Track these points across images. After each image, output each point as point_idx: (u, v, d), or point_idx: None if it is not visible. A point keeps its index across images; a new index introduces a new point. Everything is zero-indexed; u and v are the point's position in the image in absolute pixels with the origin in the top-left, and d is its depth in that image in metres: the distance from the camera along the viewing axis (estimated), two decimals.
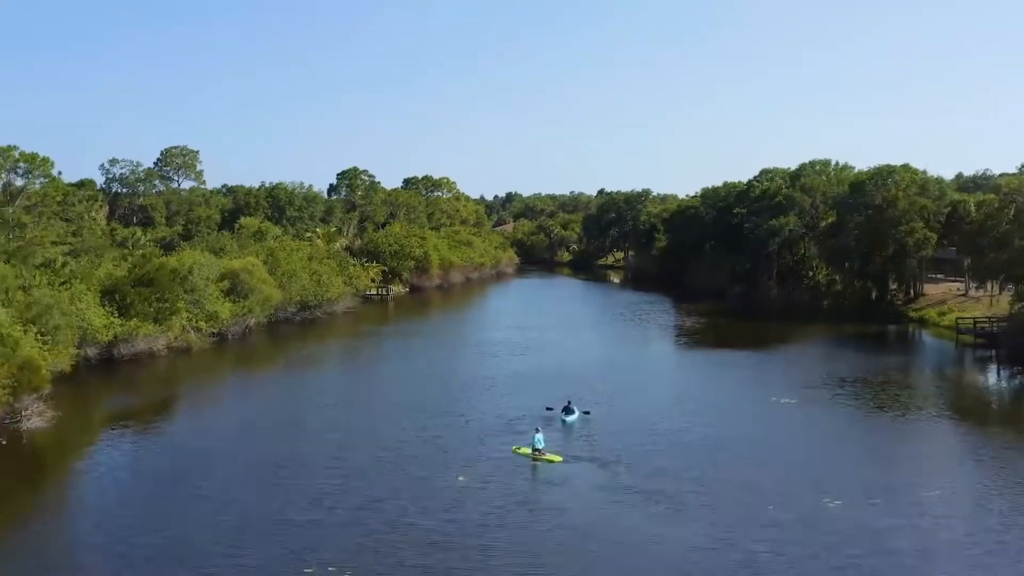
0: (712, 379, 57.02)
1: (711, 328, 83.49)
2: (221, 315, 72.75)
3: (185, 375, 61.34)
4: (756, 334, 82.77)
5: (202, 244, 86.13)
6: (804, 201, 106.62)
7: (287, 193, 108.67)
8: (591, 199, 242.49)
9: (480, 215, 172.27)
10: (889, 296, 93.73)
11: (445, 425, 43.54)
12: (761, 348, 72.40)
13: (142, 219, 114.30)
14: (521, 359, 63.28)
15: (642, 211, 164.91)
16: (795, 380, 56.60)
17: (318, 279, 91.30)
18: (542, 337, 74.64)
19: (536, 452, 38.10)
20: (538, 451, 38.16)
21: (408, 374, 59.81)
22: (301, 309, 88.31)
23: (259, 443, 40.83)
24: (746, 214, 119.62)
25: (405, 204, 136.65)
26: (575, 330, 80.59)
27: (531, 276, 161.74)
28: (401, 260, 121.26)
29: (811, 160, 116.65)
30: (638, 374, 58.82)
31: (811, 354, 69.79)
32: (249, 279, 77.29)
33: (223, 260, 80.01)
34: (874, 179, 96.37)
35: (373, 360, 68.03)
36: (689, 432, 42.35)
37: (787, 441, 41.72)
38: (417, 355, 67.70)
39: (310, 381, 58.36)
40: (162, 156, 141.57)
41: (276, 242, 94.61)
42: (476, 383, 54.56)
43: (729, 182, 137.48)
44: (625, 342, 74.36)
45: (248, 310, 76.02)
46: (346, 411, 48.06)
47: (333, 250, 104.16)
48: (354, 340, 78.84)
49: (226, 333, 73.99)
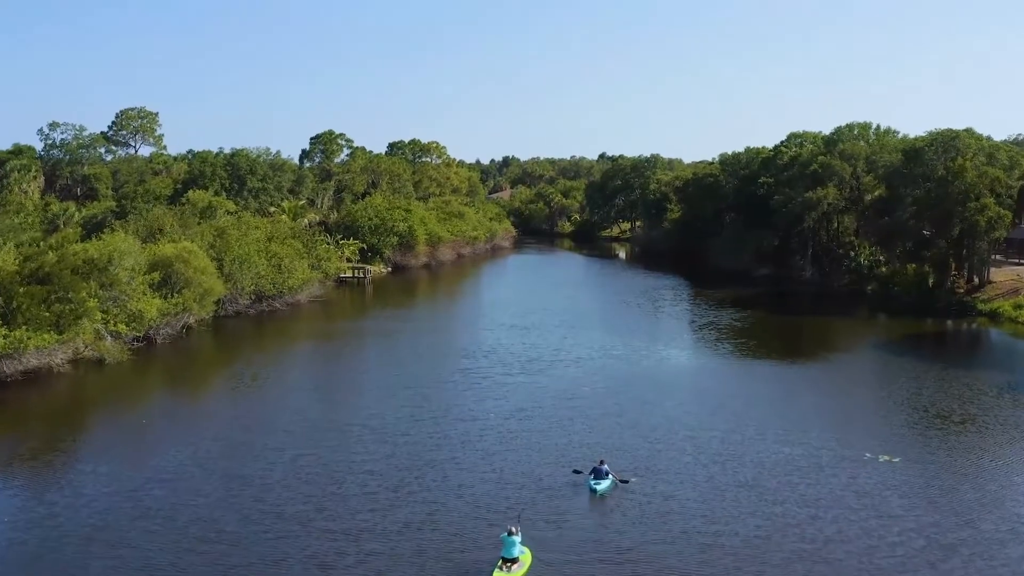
0: (773, 415, 42.96)
1: (745, 325, 69.44)
2: (147, 315, 58.69)
3: (82, 401, 47.31)
4: (800, 333, 68.99)
5: (135, 224, 71.75)
6: (844, 170, 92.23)
7: (248, 160, 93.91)
8: (593, 164, 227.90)
9: (474, 182, 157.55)
10: (949, 283, 79.66)
11: (412, 518, 29.61)
12: (815, 357, 58.61)
13: (85, 191, 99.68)
14: (520, 386, 48.84)
15: (651, 179, 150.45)
16: (878, 415, 42.78)
17: (278, 264, 77.17)
18: (545, 343, 60.46)
19: (505, 564, 24.82)
20: (508, 562, 24.90)
21: (368, 408, 45.64)
22: (256, 300, 74.31)
23: (178, 510, 26.95)
24: (774, 184, 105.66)
25: (388, 172, 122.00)
26: (584, 330, 66.51)
27: (529, 250, 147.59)
28: (382, 236, 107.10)
29: (848, 123, 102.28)
30: (670, 408, 44.81)
31: (878, 367, 55.99)
32: (184, 269, 63.09)
33: (155, 246, 65.75)
34: (933, 146, 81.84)
35: (323, 380, 53.94)
36: (768, 521, 28.50)
37: (936, 554, 27.56)
38: (385, 374, 53.36)
39: (245, 409, 44.15)
40: (117, 118, 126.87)
41: (229, 219, 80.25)
42: (460, 430, 40.41)
43: (751, 147, 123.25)
44: (647, 351, 60.11)
45: (183, 307, 61.95)
46: (284, 469, 33.99)
47: (299, 227, 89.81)
48: (310, 344, 64.80)
49: (154, 336, 60.03)
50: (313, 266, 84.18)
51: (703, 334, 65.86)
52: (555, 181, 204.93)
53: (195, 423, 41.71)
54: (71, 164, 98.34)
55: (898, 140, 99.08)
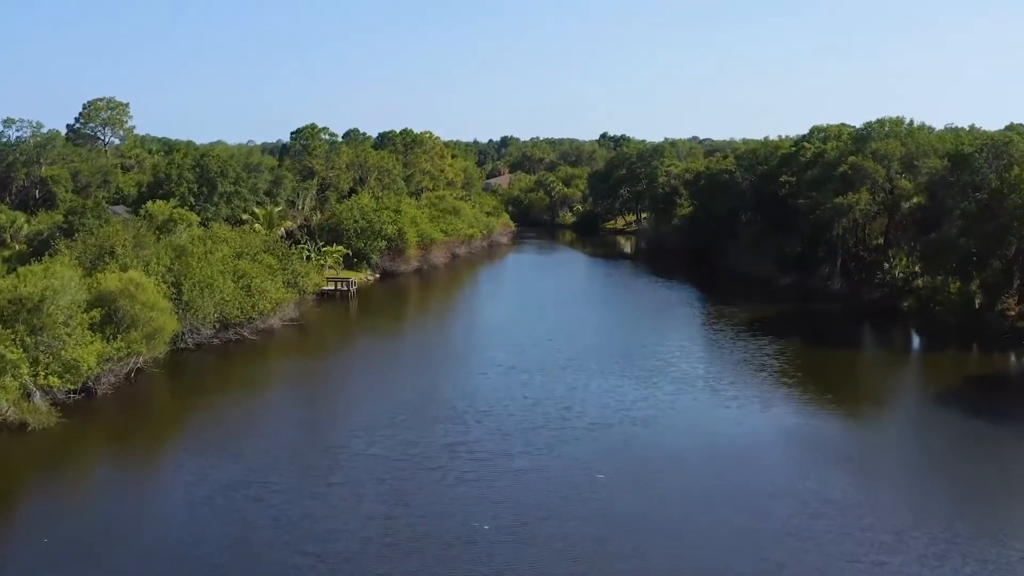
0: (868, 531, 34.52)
1: (782, 363, 60.10)
2: (84, 364, 50.04)
3: None
4: (849, 375, 60.27)
5: (83, 244, 62.82)
6: (878, 173, 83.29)
7: (219, 162, 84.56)
8: (595, 149, 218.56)
9: (470, 173, 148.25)
10: (1001, 307, 71.07)
11: None
12: (885, 409, 50.20)
13: (43, 195, 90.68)
14: (521, 479, 40.05)
15: (659, 169, 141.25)
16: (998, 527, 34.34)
17: (247, 285, 68.46)
18: (549, 397, 51.31)
19: None
20: None
21: (327, 526, 37.18)
22: (222, 328, 65.74)
23: None
24: (796, 184, 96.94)
25: (376, 167, 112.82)
26: (594, 374, 57.84)
27: (529, 246, 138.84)
28: (369, 240, 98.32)
29: (879, 118, 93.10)
30: (718, 512, 36.39)
31: (950, 428, 47.44)
32: (130, 306, 54.32)
33: (100, 274, 56.90)
34: (983, 152, 72.80)
35: (273, 458, 45.47)
36: None
37: None
38: (355, 452, 44.84)
39: (195, 503, 35.64)
40: (85, 109, 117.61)
41: (192, 233, 71.38)
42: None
43: (769, 139, 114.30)
44: (673, 409, 51.49)
45: (127, 351, 53.27)
46: None
47: (274, 238, 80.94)
48: (273, 390, 56.49)
49: (94, 388, 51.49)
50: (289, 283, 75.48)
51: (736, 378, 56.58)
52: (556, 168, 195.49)
53: (131, 522, 33.21)
54: (27, 165, 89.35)
55: (933, 137, 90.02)
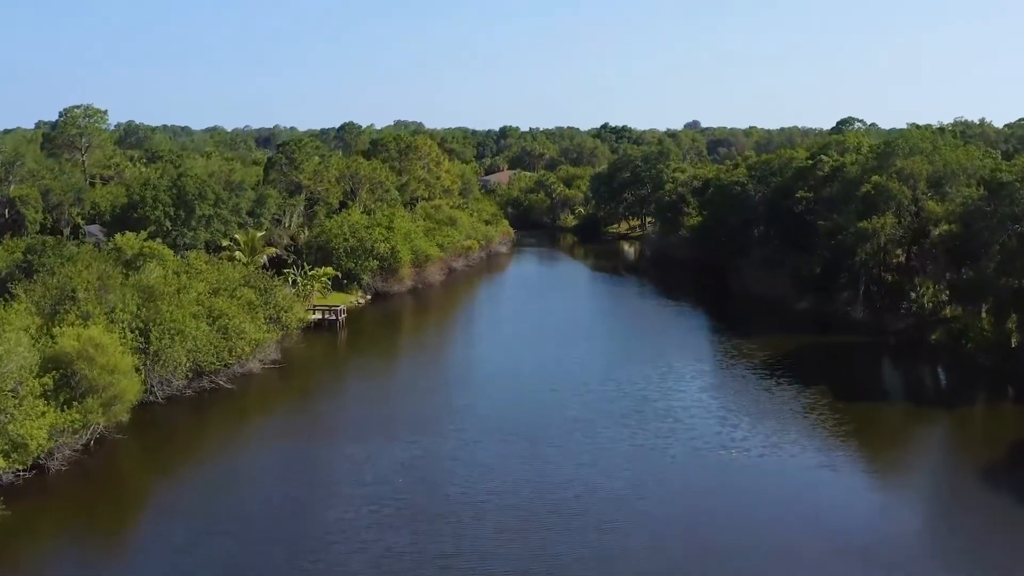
0: None
1: (808, 411, 54.95)
2: (34, 441, 44.54)
3: None
4: (887, 430, 54.78)
5: (41, 288, 57.12)
6: (904, 195, 77.56)
7: (197, 182, 78.60)
8: (596, 145, 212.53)
9: (467, 178, 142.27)
10: None
11: None
12: (922, 484, 44.78)
13: (12, 217, 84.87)
14: None
15: (665, 174, 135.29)
16: None
17: (224, 327, 62.84)
18: (558, 493, 46.26)
19: None
20: None
21: None
22: (196, 377, 60.25)
23: None
24: (813, 200, 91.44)
25: (368, 179, 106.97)
26: (604, 450, 52.28)
27: (529, 256, 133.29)
28: (360, 259, 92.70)
29: (907, 124, 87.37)
30: None
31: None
32: (88, 369, 48.77)
33: (56, 330, 51.24)
34: (1022, 179, 67.03)
35: (250, 538, 40.04)
36: None
37: None
38: (336, 548, 39.41)
39: None
40: (62, 117, 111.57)
41: (165, 269, 65.72)
42: None
43: (783, 151, 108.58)
44: (691, 484, 46.06)
45: (83, 422, 47.77)
46: None
47: (255, 267, 75.26)
48: (250, 449, 51.18)
49: (46, 464, 46.08)
50: (271, 318, 69.94)
51: (765, 447, 51.03)
52: (557, 167, 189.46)
53: None
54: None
55: (961, 153, 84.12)
